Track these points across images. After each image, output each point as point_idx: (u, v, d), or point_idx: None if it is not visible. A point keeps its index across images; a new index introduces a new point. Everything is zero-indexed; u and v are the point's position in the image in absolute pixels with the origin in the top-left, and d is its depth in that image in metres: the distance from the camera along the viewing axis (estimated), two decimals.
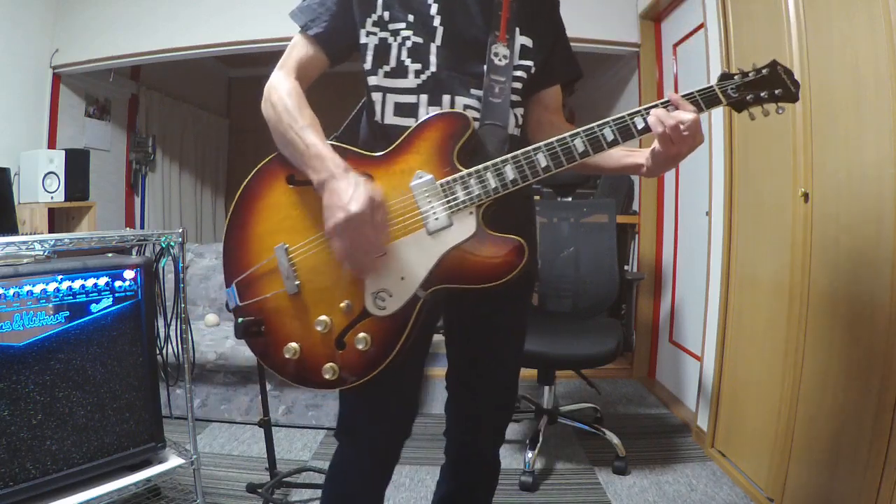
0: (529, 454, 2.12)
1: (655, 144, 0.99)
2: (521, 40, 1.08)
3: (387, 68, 1.04)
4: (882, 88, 1.40)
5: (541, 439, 2.20)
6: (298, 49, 1.07)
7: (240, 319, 1.02)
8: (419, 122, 1.00)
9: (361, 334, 0.96)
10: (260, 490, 1.92)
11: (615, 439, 2.24)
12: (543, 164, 0.96)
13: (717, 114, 2.28)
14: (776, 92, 0.98)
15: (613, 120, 0.97)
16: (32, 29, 3.25)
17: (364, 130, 1.11)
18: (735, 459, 2.10)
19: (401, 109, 1.04)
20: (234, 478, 2.10)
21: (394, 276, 0.96)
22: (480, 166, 0.96)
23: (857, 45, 1.50)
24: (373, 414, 1.14)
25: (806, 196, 1.70)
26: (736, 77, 0.99)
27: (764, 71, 0.98)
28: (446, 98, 1.03)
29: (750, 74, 0.98)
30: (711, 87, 0.99)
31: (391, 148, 1.00)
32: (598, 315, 2.56)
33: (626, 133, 0.97)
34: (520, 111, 1.11)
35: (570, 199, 2.84)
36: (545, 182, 2.91)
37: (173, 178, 4.75)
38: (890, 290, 1.38)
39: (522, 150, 0.97)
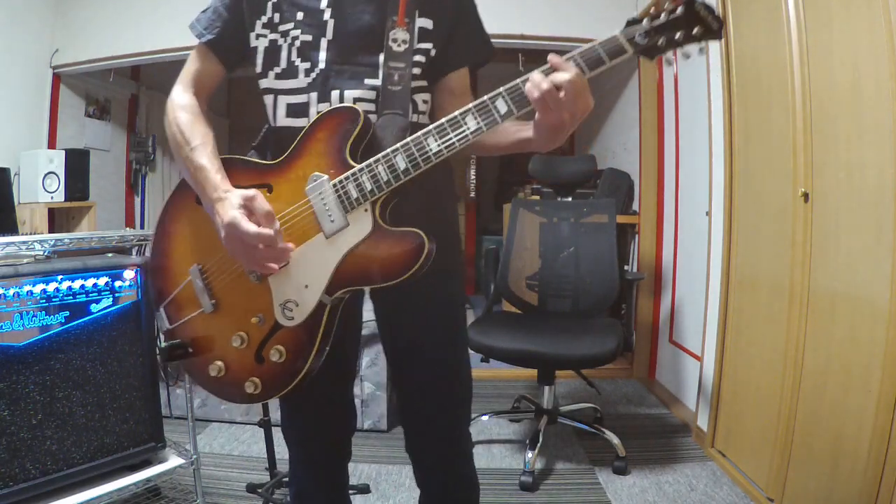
0: (529, 454, 2.12)
1: (536, 114, 0.89)
2: (421, 22, 1.03)
3: (277, 69, 1.03)
4: (882, 88, 1.40)
5: (541, 439, 2.20)
6: (193, 61, 1.08)
7: (161, 344, 1.05)
8: (310, 123, 0.97)
9: (276, 347, 0.96)
10: (260, 490, 1.92)
11: (615, 439, 2.24)
12: (435, 148, 0.89)
13: (717, 114, 2.28)
14: (694, 32, 0.85)
15: (506, 89, 0.88)
16: (32, 29, 3.25)
17: (265, 136, 1.10)
18: (735, 459, 2.10)
19: (292, 110, 1.03)
20: (234, 478, 2.10)
21: (298, 285, 0.94)
22: (372, 159, 0.91)
23: (857, 45, 1.50)
24: (300, 424, 1.16)
25: (806, 196, 1.70)
26: (644, 22, 0.85)
27: (678, 10, 0.84)
28: (335, 94, 1.00)
29: (661, 16, 0.85)
30: (614, 36, 0.86)
31: (287, 153, 0.98)
32: (598, 315, 2.56)
33: (520, 102, 0.87)
34: (423, 96, 1.06)
35: (570, 199, 2.84)
36: (545, 182, 2.92)
37: (173, 178, 4.74)
38: (890, 290, 1.38)
39: (413, 136, 0.90)
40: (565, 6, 2.95)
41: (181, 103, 1.03)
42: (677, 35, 0.84)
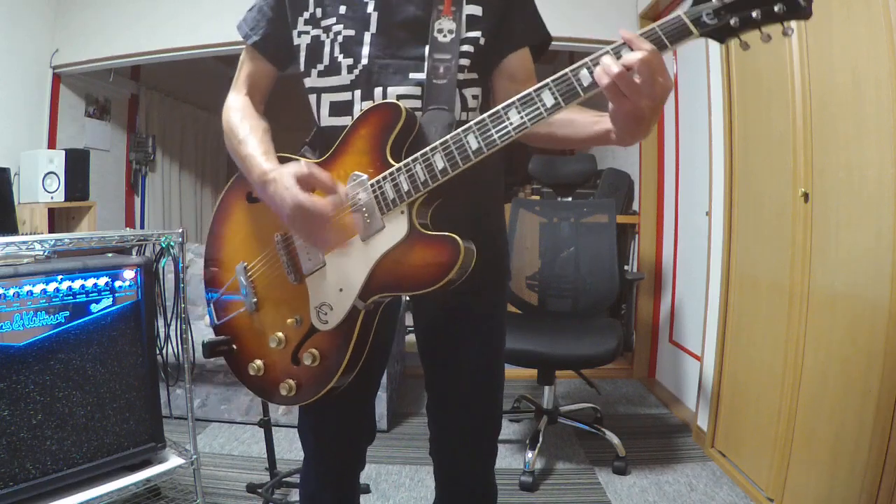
0: (529, 454, 2.12)
1: (610, 103, 0.79)
2: (469, 9, 0.97)
3: (320, 67, 1.00)
4: (882, 88, 1.40)
5: (541, 439, 2.20)
6: (245, 63, 1.08)
7: (204, 340, 1.05)
8: (353, 121, 0.94)
9: (310, 350, 0.94)
10: (260, 490, 1.92)
11: (615, 439, 2.24)
12: (475, 146, 0.82)
13: (717, 113, 2.28)
14: (775, 8, 0.71)
15: (553, 80, 0.78)
16: (32, 29, 3.24)
17: (315, 135, 1.07)
18: (735, 459, 2.10)
19: (335, 108, 1.00)
20: (234, 478, 2.10)
21: (333, 288, 0.92)
22: (409, 158, 0.86)
23: (857, 45, 1.50)
24: (320, 432, 1.13)
25: (806, 196, 1.70)
26: None
27: None
28: (378, 91, 0.96)
29: None
30: (678, 16, 0.73)
31: (330, 152, 0.96)
32: (598, 315, 2.56)
33: (570, 94, 0.77)
34: (472, 91, 1.00)
35: (570, 199, 2.84)
36: (545, 182, 2.92)
37: (173, 178, 4.74)
38: (890, 290, 1.38)
39: (453, 133, 0.84)
40: (565, 6, 2.95)
41: (233, 105, 1.03)
42: (754, 13, 0.71)
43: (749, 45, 0.74)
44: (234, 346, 1.05)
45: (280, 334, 0.97)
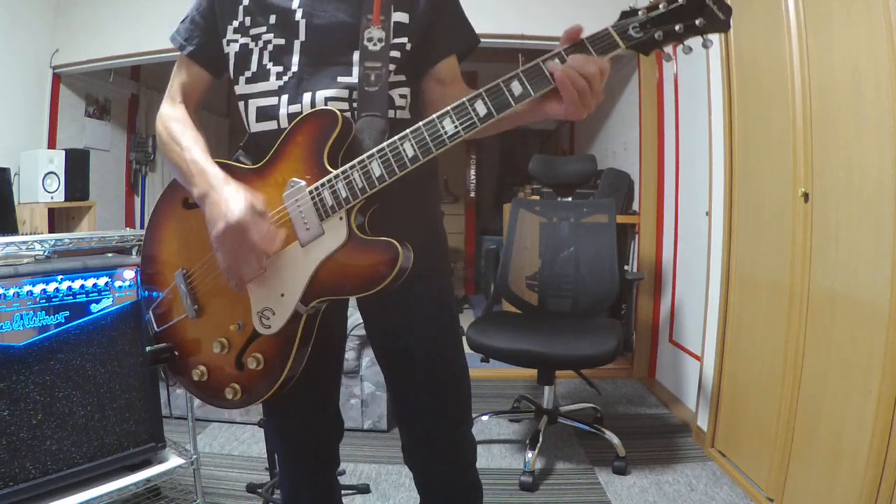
0: (529, 454, 2.12)
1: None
2: (396, 17, 0.98)
3: (248, 73, 1.00)
4: (882, 88, 1.40)
5: (541, 439, 2.20)
6: (178, 72, 1.08)
7: (147, 348, 1.05)
8: (289, 127, 0.94)
9: (254, 354, 0.95)
10: (260, 490, 1.92)
11: (615, 439, 2.24)
12: (411, 153, 0.85)
13: (717, 114, 2.28)
14: (696, 22, 0.76)
15: (486, 90, 0.83)
16: (32, 29, 3.24)
17: (246, 141, 1.07)
18: (735, 459, 2.10)
19: (262, 114, 1.00)
20: (234, 478, 2.10)
21: (275, 293, 0.92)
22: (347, 165, 0.88)
23: (857, 45, 1.50)
24: (283, 431, 1.15)
25: (806, 196, 1.70)
26: (640, 13, 0.77)
27: (680, 0, 0.76)
28: (306, 96, 0.96)
29: (660, 6, 0.77)
30: (605, 30, 0.79)
31: (267, 158, 0.95)
32: (598, 315, 2.56)
33: (502, 105, 0.83)
34: (400, 91, 1.01)
35: (570, 199, 2.84)
36: (545, 182, 2.91)
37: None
38: (890, 290, 1.38)
39: (389, 141, 0.86)
40: (565, 6, 2.95)
41: (170, 115, 1.04)
42: (677, 27, 0.76)
43: (672, 57, 0.80)
44: (176, 353, 1.04)
45: (223, 339, 0.97)
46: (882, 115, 1.40)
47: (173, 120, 1.03)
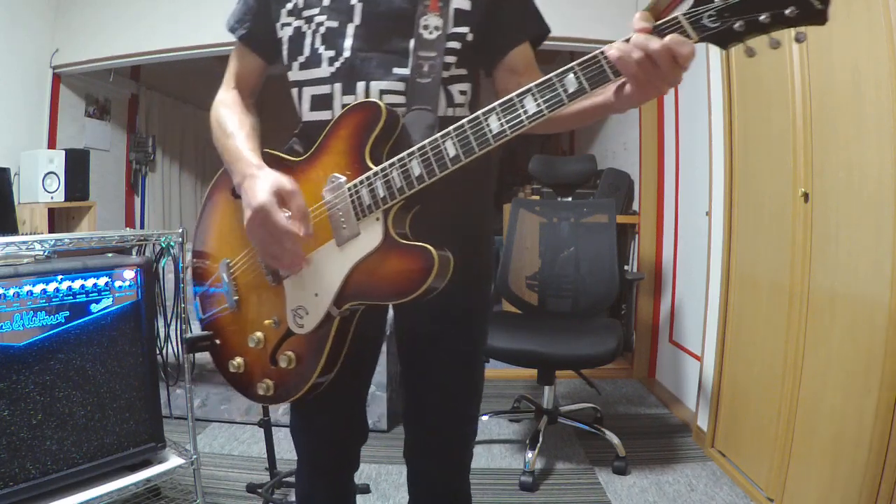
0: (529, 454, 2.12)
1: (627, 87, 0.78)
2: (457, 3, 0.93)
3: (301, 59, 0.97)
4: (882, 88, 1.40)
5: (541, 439, 2.20)
6: (233, 59, 1.07)
7: (187, 335, 1.05)
8: (334, 118, 0.90)
9: (286, 352, 0.93)
10: (260, 490, 1.92)
11: (615, 439, 2.24)
12: (452, 153, 0.78)
13: (717, 114, 2.28)
14: (787, 11, 0.63)
15: (537, 85, 0.75)
16: (32, 29, 3.24)
17: (300, 129, 1.03)
18: (735, 459, 2.10)
19: (316, 102, 0.96)
20: (234, 478, 2.10)
21: (309, 292, 0.90)
22: (387, 163, 0.82)
23: (857, 45, 1.50)
24: (310, 431, 1.13)
25: (806, 196, 1.70)
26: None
27: None
28: (360, 85, 0.92)
29: None
30: (674, 18, 0.67)
31: (311, 150, 0.92)
32: (598, 315, 2.56)
33: (554, 102, 0.74)
34: (460, 87, 0.96)
35: (570, 199, 2.84)
36: (545, 182, 2.92)
37: (173, 178, 4.74)
38: (890, 290, 1.38)
39: (431, 139, 0.80)
40: (565, 6, 2.95)
41: (221, 100, 1.02)
42: (763, 16, 0.64)
43: (755, 52, 0.66)
44: (218, 342, 1.04)
45: (259, 334, 0.97)
46: (882, 115, 1.40)
47: (222, 105, 1.01)
